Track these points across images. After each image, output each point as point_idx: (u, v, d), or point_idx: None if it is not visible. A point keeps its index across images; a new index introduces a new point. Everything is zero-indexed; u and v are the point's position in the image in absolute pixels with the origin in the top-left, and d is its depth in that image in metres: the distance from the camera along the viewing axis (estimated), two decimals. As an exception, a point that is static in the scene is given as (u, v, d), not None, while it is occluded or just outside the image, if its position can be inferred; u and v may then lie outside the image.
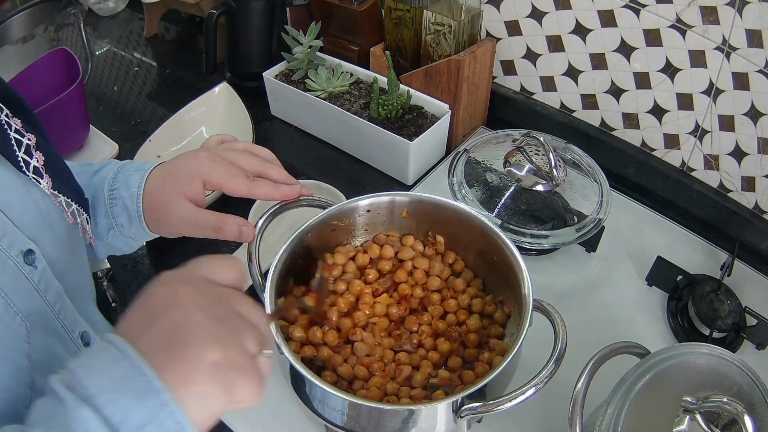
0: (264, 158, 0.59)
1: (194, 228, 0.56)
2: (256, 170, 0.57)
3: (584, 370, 0.52)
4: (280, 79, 1.02)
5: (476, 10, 0.91)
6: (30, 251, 0.44)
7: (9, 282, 0.41)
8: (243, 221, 0.56)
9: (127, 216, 0.57)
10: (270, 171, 0.58)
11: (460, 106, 0.93)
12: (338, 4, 1.01)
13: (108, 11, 1.42)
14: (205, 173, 0.55)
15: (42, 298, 0.45)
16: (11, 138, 0.45)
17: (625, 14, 0.80)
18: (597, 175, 0.81)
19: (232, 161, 0.56)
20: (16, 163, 0.45)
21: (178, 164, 0.57)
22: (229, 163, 0.56)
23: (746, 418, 0.44)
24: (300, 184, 0.60)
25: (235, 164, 0.56)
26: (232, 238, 0.56)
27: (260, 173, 0.58)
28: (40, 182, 0.47)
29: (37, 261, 0.45)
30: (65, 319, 0.48)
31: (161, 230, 0.58)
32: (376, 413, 0.51)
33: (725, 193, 0.84)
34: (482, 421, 0.60)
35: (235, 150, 0.59)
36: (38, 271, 0.45)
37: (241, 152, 0.58)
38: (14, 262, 0.43)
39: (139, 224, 0.57)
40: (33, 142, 0.48)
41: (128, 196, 0.56)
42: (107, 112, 1.12)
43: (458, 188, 0.79)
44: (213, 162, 0.55)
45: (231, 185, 0.55)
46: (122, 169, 0.59)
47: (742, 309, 0.72)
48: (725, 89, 0.76)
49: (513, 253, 0.61)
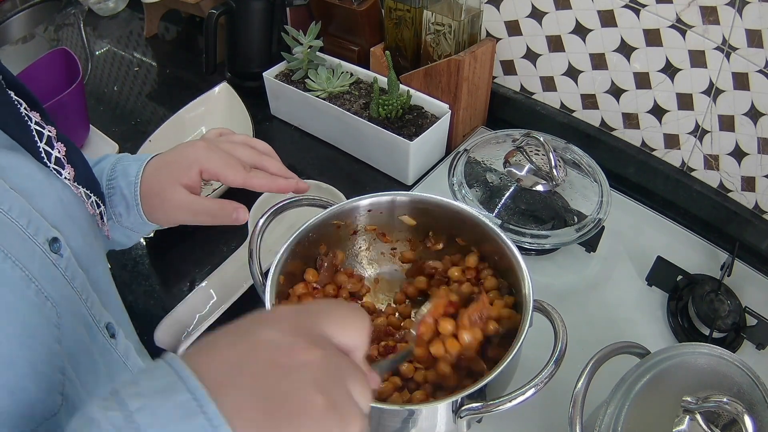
0: (261, 151, 0.60)
1: (190, 214, 0.57)
2: (253, 162, 0.58)
3: (584, 370, 0.52)
4: (280, 79, 1.02)
5: (476, 10, 0.91)
6: (55, 239, 0.44)
7: (37, 268, 0.41)
8: (238, 205, 0.57)
9: (125, 205, 0.58)
10: (267, 163, 0.59)
11: (460, 106, 0.93)
12: (338, 4, 1.01)
13: (108, 11, 1.42)
14: (202, 162, 0.55)
15: (70, 285, 0.45)
16: (32, 130, 0.45)
17: (625, 14, 0.80)
18: (597, 175, 0.81)
19: (230, 152, 0.57)
20: (38, 155, 0.46)
21: (175, 153, 0.57)
22: (226, 153, 0.57)
23: (746, 418, 0.44)
24: (297, 179, 0.60)
25: (232, 155, 0.57)
26: (227, 222, 0.56)
27: (257, 165, 0.58)
28: (62, 173, 0.48)
29: (62, 249, 0.45)
30: (92, 307, 0.48)
31: (158, 218, 0.58)
32: (377, 413, 0.51)
33: (725, 193, 0.84)
34: (482, 421, 0.60)
35: (233, 142, 0.59)
36: (64, 259, 0.45)
37: (239, 144, 0.59)
38: (41, 248, 0.42)
39: (136, 213, 0.57)
40: (54, 134, 0.48)
41: (126, 185, 0.57)
42: (107, 112, 1.12)
43: (458, 188, 0.79)
44: (210, 151, 0.56)
45: (227, 174, 0.56)
46: (120, 160, 0.60)
47: (742, 309, 0.72)
48: (725, 89, 0.76)
49: (513, 253, 0.61)
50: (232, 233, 0.84)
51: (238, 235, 0.83)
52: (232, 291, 0.74)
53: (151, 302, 0.78)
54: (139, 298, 0.78)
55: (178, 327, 0.71)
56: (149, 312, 0.76)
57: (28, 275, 0.40)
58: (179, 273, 0.81)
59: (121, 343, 0.51)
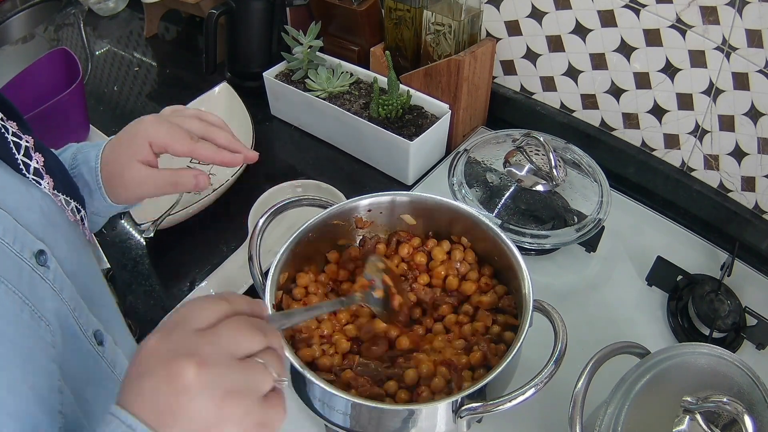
0: (211, 123, 0.60)
1: (152, 188, 0.57)
2: (201, 133, 0.58)
3: (584, 370, 0.52)
4: (280, 79, 1.02)
5: (476, 10, 0.91)
6: (41, 251, 0.44)
7: (27, 287, 0.42)
8: (198, 171, 0.57)
9: (89, 190, 0.59)
10: (215, 135, 0.58)
11: (460, 106, 0.93)
12: (338, 4, 1.01)
13: (108, 11, 1.42)
14: (150, 135, 0.56)
15: (59, 296, 0.45)
16: (9, 141, 0.46)
17: (625, 14, 0.80)
18: (597, 175, 0.81)
19: (179, 124, 0.57)
20: (16, 167, 0.46)
21: (126, 132, 0.58)
22: (174, 125, 0.57)
23: (746, 418, 0.44)
24: (246, 150, 0.59)
25: (181, 126, 0.57)
26: (188, 188, 0.57)
27: (205, 136, 0.58)
28: (41, 183, 0.48)
29: (49, 261, 0.45)
30: (80, 317, 0.48)
31: (122, 198, 0.59)
32: (377, 413, 0.51)
33: (725, 193, 0.84)
34: (482, 421, 0.60)
35: (183, 115, 0.59)
36: (51, 271, 0.45)
37: (189, 117, 0.59)
38: (29, 264, 0.43)
39: (100, 197, 0.58)
40: (32, 144, 0.48)
41: (87, 171, 0.58)
42: (107, 112, 1.12)
43: (458, 188, 0.79)
44: (158, 124, 0.56)
45: (174, 145, 0.56)
46: (81, 149, 0.61)
47: (742, 309, 0.72)
48: (725, 89, 0.76)
49: (513, 253, 0.61)
50: (232, 233, 0.84)
51: (238, 235, 0.83)
52: (231, 291, 0.74)
53: (151, 302, 0.78)
54: (139, 298, 0.78)
55: (178, 327, 0.71)
56: (149, 312, 0.76)
57: (21, 298, 0.40)
58: (179, 273, 0.81)
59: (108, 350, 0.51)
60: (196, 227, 0.86)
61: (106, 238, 0.86)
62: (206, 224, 0.87)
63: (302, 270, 0.67)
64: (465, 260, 0.68)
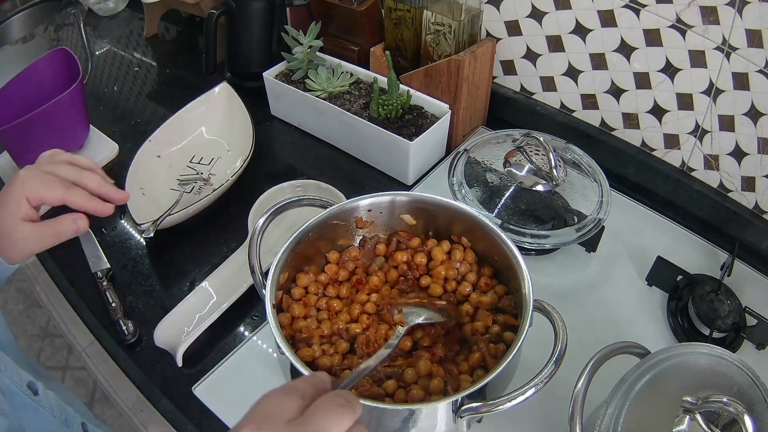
0: (83, 167, 0.59)
1: (37, 243, 0.57)
2: (73, 178, 0.58)
3: (584, 370, 0.52)
4: (280, 79, 1.02)
5: (476, 10, 0.91)
6: None
7: None
8: (76, 215, 0.57)
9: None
10: (86, 180, 0.58)
11: (460, 106, 0.93)
12: (338, 4, 1.01)
13: (108, 11, 1.42)
14: (25, 190, 0.56)
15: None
16: None
17: (625, 14, 0.80)
18: (597, 175, 0.81)
19: (51, 172, 0.57)
20: None
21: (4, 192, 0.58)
22: (45, 174, 0.57)
23: (746, 418, 0.44)
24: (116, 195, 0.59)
25: (52, 174, 0.57)
26: (71, 233, 0.57)
27: (77, 182, 0.58)
28: None
29: None
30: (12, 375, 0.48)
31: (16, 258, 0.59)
32: (377, 413, 0.51)
33: (725, 193, 0.84)
34: (482, 421, 0.60)
35: (55, 161, 0.59)
36: None
37: (60, 163, 0.59)
38: None
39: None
40: None
41: None
42: (107, 112, 1.12)
43: (458, 188, 0.79)
44: (30, 178, 0.56)
45: (48, 195, 0.56)
46: None
47: (742, 309, 0.72)
48: (725, 89, 0.76)
49: (513, 253, 0.61)
50: (232, 233, 0.84)
51: (238, 235, 0.83)
52: (232, 291, 0.74)
53: (151, 302, 0.78)
54: (139, 298, 0.78)
55: (178, 327, 0.71)
56: (149, 312, 0.76)
57: None
58: (179, 273, 0.81)
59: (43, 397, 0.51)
60: (196, 227, 0.86)
61: (106, 238, 0.86)
62: (206, 224, 0.87)
63: (302, 270, 0.67)
64: (465, 260, 0.68)
